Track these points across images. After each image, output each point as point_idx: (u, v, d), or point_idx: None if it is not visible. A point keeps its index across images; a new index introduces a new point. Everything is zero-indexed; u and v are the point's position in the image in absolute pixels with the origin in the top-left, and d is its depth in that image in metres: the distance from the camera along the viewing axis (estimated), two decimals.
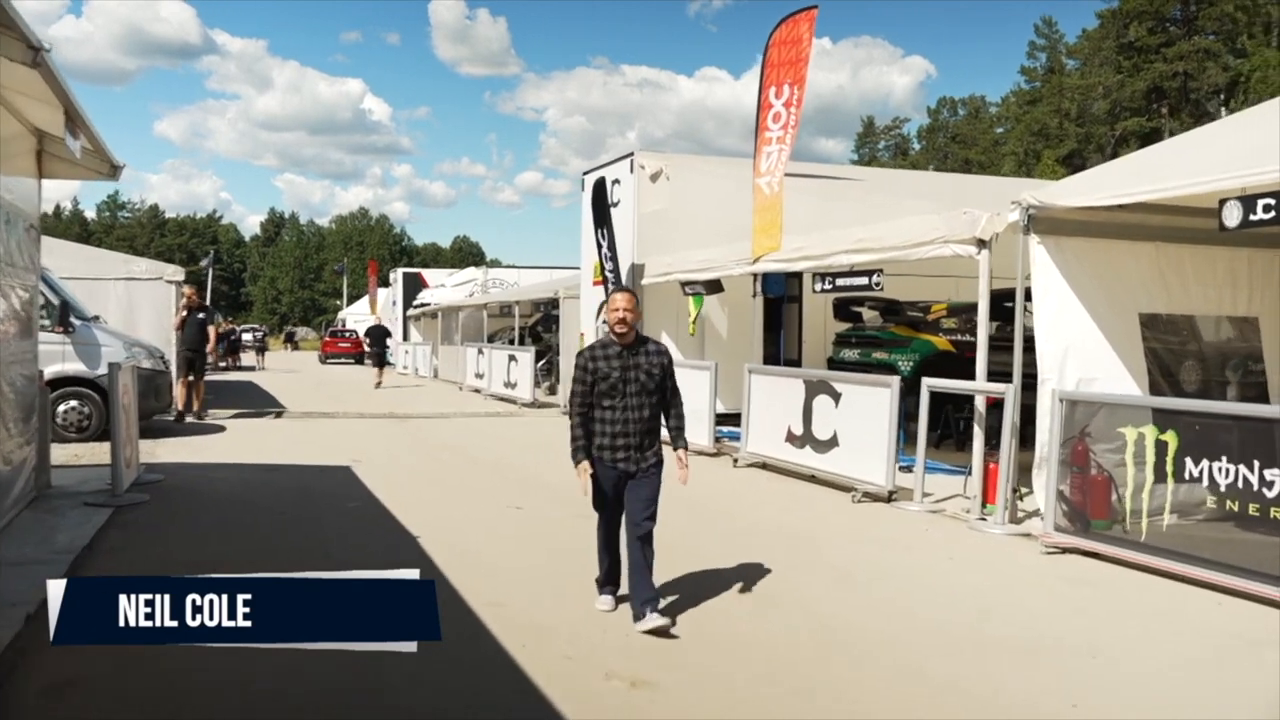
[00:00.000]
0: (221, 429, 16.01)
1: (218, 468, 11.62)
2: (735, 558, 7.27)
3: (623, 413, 5.67)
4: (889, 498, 9.62)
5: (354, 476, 10.97)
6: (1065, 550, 7.48)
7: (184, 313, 16.88)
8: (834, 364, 15.23)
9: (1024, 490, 9.03)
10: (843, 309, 15.83)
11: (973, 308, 15.47)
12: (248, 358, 44.93)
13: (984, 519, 8.75)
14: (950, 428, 13.16)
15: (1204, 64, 53.93)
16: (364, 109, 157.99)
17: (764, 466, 11.82)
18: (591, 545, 6.11)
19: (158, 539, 7.84)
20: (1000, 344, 12.18)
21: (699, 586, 6.45)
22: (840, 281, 11.38)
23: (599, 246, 16.13)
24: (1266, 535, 6.19)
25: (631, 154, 16.61)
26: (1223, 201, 6.97)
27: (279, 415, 18.73)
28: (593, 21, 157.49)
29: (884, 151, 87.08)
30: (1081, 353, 8.77)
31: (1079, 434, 7.73)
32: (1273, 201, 6.63)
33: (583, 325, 18.80)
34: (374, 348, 29.81)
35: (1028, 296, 9.21)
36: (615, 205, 16.42)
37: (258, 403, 21.23)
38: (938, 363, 13.51)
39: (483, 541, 7.94)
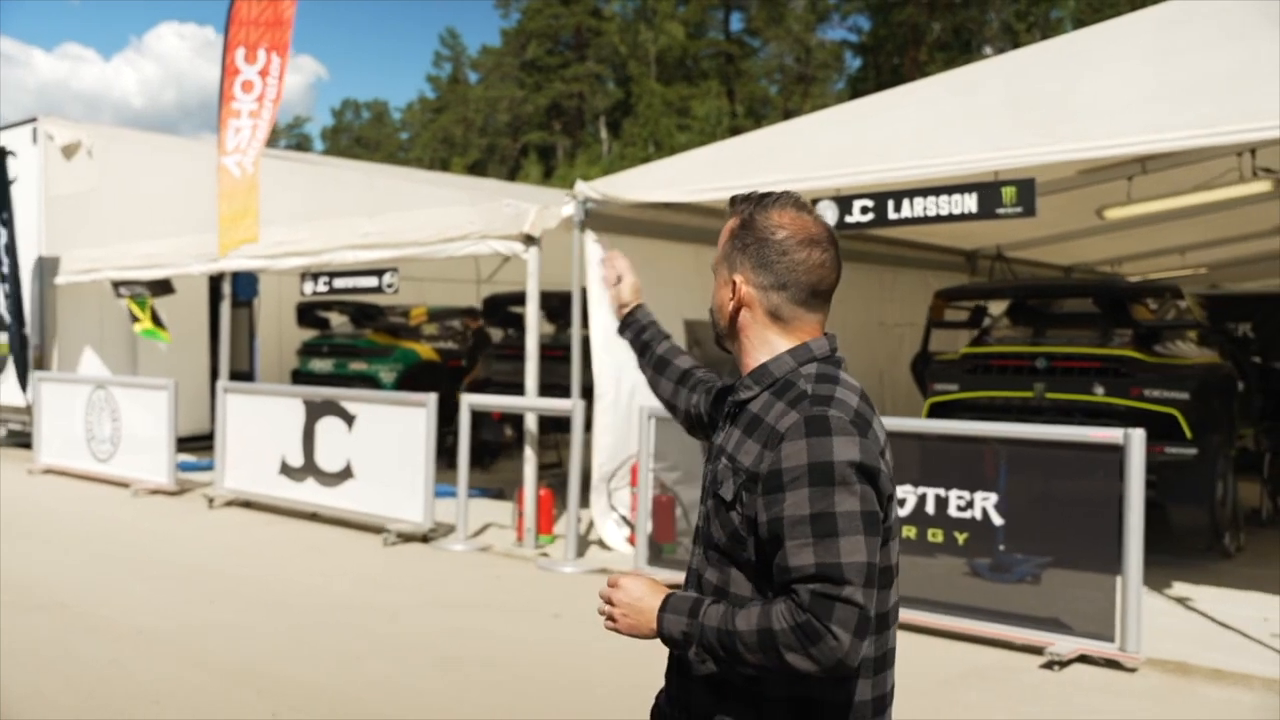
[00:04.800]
0: None
1: None
2: (289, 653, 5.46)
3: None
4: (426, 537, 8.19)
5: None
6: None
7: None
8: (301, 377, 13.52)
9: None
10: (307, 314, 14.07)
11: (455, 313, 14.63)
12: None
13: (545, 554, 7.71)
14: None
15: (595, 88, 58.52)
16: None
17: (248, 505, 9.74)
18: None
19: None
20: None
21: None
22: (340, 283, 9.70)
23: None
24: (953, 559, 5.79)
25: (34, 119, 13.22)
26: (815, 201, 6.60)
27: None
28: None
29: (286, 150, 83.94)
30: (633, 364, 8.11)
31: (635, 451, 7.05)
32: (871, 204, 6.36)
33: None
34: None
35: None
36: (14, 183, 12.92)
37: None
38: (421, 374, 12.45)
39: None
